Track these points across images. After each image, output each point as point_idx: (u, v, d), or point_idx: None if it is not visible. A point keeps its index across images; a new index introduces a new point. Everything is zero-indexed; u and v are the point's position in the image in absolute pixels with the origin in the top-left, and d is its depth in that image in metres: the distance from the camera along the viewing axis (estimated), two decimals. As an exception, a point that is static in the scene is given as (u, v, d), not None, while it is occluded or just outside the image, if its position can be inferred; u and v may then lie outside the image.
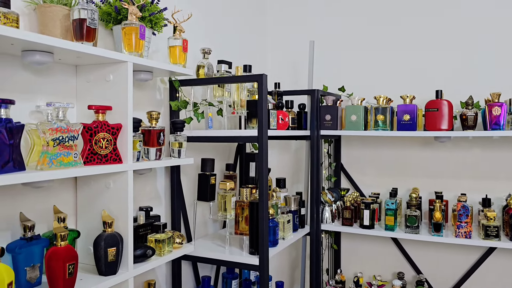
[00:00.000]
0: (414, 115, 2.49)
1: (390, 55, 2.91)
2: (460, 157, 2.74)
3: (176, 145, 1.92)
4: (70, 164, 1.40)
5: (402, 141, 2.88)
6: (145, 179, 2.08)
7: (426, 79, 2.80)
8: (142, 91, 2.06)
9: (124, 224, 1.62)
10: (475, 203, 2.66)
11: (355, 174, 3.03)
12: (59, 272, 1.36)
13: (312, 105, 2.63)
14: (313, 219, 2.63)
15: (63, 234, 1.39)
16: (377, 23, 2.94)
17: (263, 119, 1.98)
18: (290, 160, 3.22)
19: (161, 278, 2.20)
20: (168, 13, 1.97)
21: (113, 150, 1.57)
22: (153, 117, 1.81)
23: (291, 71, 3.17)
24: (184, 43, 1.95)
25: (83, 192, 1.71)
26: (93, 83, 1.68)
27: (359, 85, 2.96)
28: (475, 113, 2.41)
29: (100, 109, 1.55)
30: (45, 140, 1.34)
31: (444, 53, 2.76)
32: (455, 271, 2.76)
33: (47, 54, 1.42)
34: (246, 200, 2.15)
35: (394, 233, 2.52)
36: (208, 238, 2.42)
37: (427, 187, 2.82)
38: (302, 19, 3.17)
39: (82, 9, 1.47)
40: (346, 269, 3.06)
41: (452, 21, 2.75)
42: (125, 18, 1.73)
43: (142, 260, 1.71)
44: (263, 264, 2.00)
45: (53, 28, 1.48)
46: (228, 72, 2.26)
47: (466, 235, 2.36)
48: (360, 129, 2.61)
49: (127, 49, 1.67)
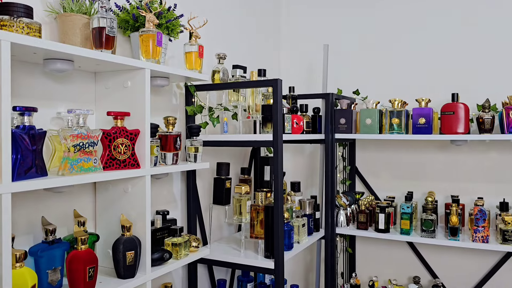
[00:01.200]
0: (429, 119, 2.47)
1: (405, 58, 2.89)
2: (476, 161, 2.72)
3: (192, 150, 1.95)
4: (90, 169, 1.43)
5: (418, 144, 2.87)
6: (162, 183, 2.11)
7: (442, 82, 2.78)
8: (159, 96, 2.09)
9: (142, 228, 1.65)
10: (492, 207, 2.63)
11: (370, 178, 3.02)
12: (80, 275, 1.39)
13: (327, 109, 2.64)
14: (327, 222, 2.63)
15: (84, 238, 1.42)
16: (392, 26, 2.94)
17: (278, 124, 2.00)
18: (305, 163, 3.22)
19: (178, 281, 2.23)
20: (184, 19, 2.00)
21: (131, 155, 1.60)
22: (170, 122, 1.84)
23: (305, 74, 3.18)
24: (200, 49, 1.98)
25: (102, 197, 1.74)
26: (111, 89, 1.71)
27: (374, 89, 2.95)
28: (492, 116, 2.39)
29: (118, 115, 1.58)
30: (66, 146, 1.37)
31: (460, 56, 2.74)
32: (472, 276, 2.73)
33: (67, 62, 1.46)
34: (261, 204, 2.16)
35: (410, 237, 2.51)
36: (223, 241, 2.44)
37: (443, 191, 2.80)
38: (316, 22, 3.17)
39: (101, 18, 1.51)
40: (361, 273, 3.05)
41: (468, 23, 2.73)
42: (142, 25, 1.77)
43: (159, 263, 1.74)
44: (278, 267, 2.01)
45: (73, 37, 1.52)
46: (243, 77, 2.28)
47: (483, 239, 2.34)
48: (375, 132, 2.61)
49: (144, 55, 1.70)
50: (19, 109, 1.25)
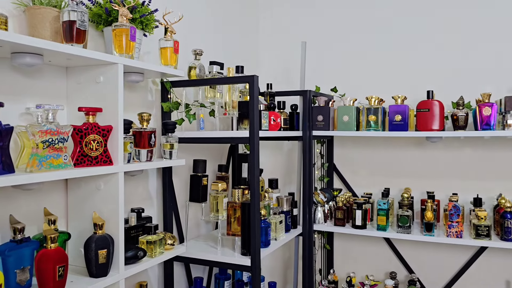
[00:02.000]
0: (405, 116, 2.50)
1: (382, 55, 2.92)
2: (451, 157, 2.76)
3: (167, 147, 1.93)
4: (60, 166, 1.40)
5: (394, 141, 2.90)
6: (137, 181, 2.08)
7: (418, 79, 2.81)
8: (134, 92, 2.06)
9: (115, 226, 1.62)
10: (467, 203, 2.68)
11: (348, 174, 3.04)
12: (49, 275, 1.36)
13: (304, 106, 2.64)
14: (305, 219, 2.64)
15: (53, 236, 1.39)
16: (369, 24, 2.96)
17: (254, 120, 1.99)
18: (283, 160, 3.22)
19: (153, 279, 2.20)
20: (159, 14, 1.97)
21: (103, 152, 1.57)
22: (144, 118, 1.81)
23: (284, 71, 3.18)
24: (175, 45, 1.95)
25: (73, 194, 1.70)
26: (83, 84, 1.67)
27: (351, 86, 2.97)
28: (466, 113, 2.43)
29: (90, 111, 1.55)
30: (34, 142, 1.34)
31: (436, 54, 2.78)
32: (447, 270, 2.78)
33: (37, 56, 1.42)
34: (238, 201, 2.15)
35: (386, 233, 2.53)
36: (200, 239, 2.42)
37: (419, 187, 2.84)
38: (294, 19, 3.17)
39: (72, 11, 1.47)
40: (339, 269, 3.07)
41: (443, 22, 2.77)
42: (115, 20, 1.73)
43: (133, 261, 1.71)
44: (255, 265, 2.01)
45: (42, 30, 1.48)
46: (220, 73, 2.26)
47: (457, 234, 2.38)
48: (352, 129, 2.63)
49: (117, 50, 1.67)
50: (-17, 104, 1.21)
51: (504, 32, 2.62)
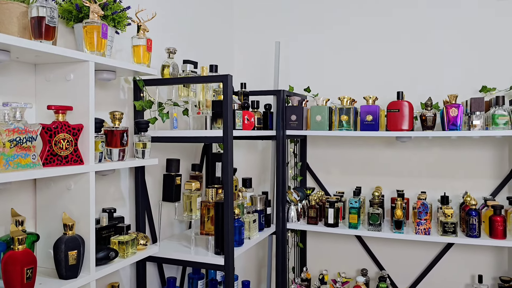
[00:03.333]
0: (376, 116, 2.55)
1: (354, 56, 2.97)
2: (420, 157, 2.84)
3: (140, 146, 1.90)
4: (28, 166, 1.36)
5: (366, 141, 2.96)
6: (109, 180, 2.05)
7: (389, 80, 2.87)
8: (105, 90, 2.02)
9: (86, 226, 1.59)
10: (434, 201, 2.75)
11: (320, 173, 3.08)
12: (17, 277, 1.32)
13: (278, 106, 2.66)
14: (279, 218, 2.66)
15: (21, 238, 1.35)
16: (341, 24, 3.00)
17: (228, 120, 1.99)
18: (257, 160, 3.24)
19: (126, 280, 2.17)
20: (131, 12, 1.95)
21: (74, 151, 1.54)
22: (116, 117, 1.79)
23: (258, 71, 3.19)
24: (148, 43, 1.93)
25: (42, 194, 1.66)
26: (53, 82, 1.64)
27: (324, 86, 3.01)
28: (434, 114, 2.50)
29: (60, 109, 1.51)
30: (1, 141, 1.30)
31: (406, 55, 2.85)
32: (415, 267, 2.85)
33: (3, 52, 1.38)
34: (211, 200, 2.15)
35: (358, 230, 2.58)
36: (174, 238, 2.40)
37: (390, 186, 2.90)
38: (268, 19, 3.19)
39: (41, 7, 1.43)
40: (311, 267, 3.11)
41: (412, 22, 2.83)
42: (86, 16, 1.70)
43: (105, 262, 1.68)
44: (228, 264, 2.01)
45: (9, 26, 1.44)
46: (193, 72, 2.25)
47: (425, 231, 2.45)
48: (325, 129, 2.66)
49: (88, 48, 1.64)
50: None
51: (470, 35, 2.71)
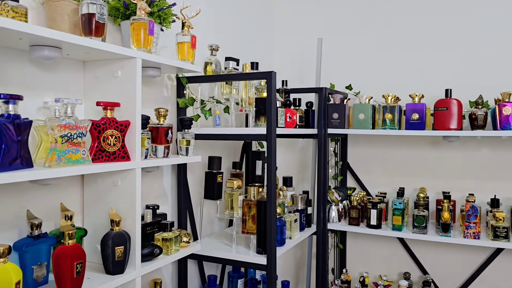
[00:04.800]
0: (423, 114, 2.46)
1: (398, 53, 2.88)
2: (468, 157, 2.72)
3: (183, 143, 1.90)
4: (78, 161, 1.38)
5: (410, 140, 2.86)
6: (152, 177, 2.06)
7: (435, 78, 2.77)
8: (150, 88, 2.03)
9: (132, 223, 1.60)
10: (483, 204, 2.63)
11: (361, 173, 3.00)
12: (67, 271, 1.33)
13: (320, 103, 2.60)
14: (319, 218, 2.60)
15: (71, 233, 1.37)
16: (386, 21, 2.91)
17: (271, 117, 1.96)
18: (296, 158, 3.19)
19: (167, 277, 2.18)
20: (176, 9, 1.94)
21: (121, 147, 1.54)
22: (161, 114, 1.79)
23: (298, 68, 3.14)
24: (192, 40, 1.93)
25: (90, 190, 1.68)
26: (101, 79, 1.65)
27: (366, 84, 2.93)
28: (485, 113, 2.38)
29: (108, 106, 1.52)
30: (53, 136, 1.32)
31: (454, 52, 2.73)
32: (462, 272, 2.74)
33: (55, 49, 1.39)
34: (253, 198, 2.12)
35: (402, 233, 2.50)
36: (214, 236, 2.40)
37: (435, 187, 2.80)
38: (309, 16, 3.13)
39: (91, 4, 1.44)
40: (351, 269, 3.04)
41: (462, 20, 2.71)
42: (133, 14, 1.71)
43: (149, 259, 1.69)
44: (271, 263, 1.98)
45: (61, 23, 1.46)
46: (235, 69, 2.23)
47: (474, 235, 2.34)
48: (368, 127, 2.59)
49: (135, 45, 1.65)
50: (3, 96, 1.19)
51: (524, 30, 2.57)
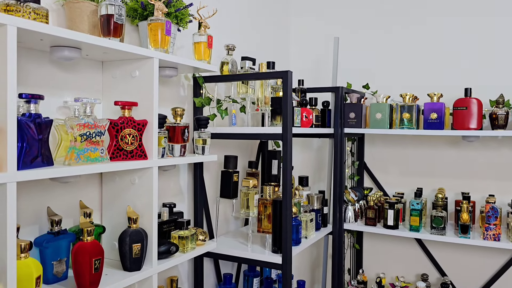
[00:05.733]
0: (441, 114, 2.43)
1: (416, 52, 2.84)
2: (488, 158, 2.67)
3: (200, 142, 1.92)
4: (97, 159, 1.40)
5: (428, 140, 2.82)
6: (169, 175, 2.08)
7: (454, 77, 2.72)
8: (166, 87, 2.06)
9: (149, 220, 1.62)
10: (503, 205, 2.58)
11: (378, 173, 2.98)
12: (86, 267, 1.36)
13: (336, 103, 2.59)
14: (335, 218, 2.59)
15: (90, 230, 1.39)
16: (403, 20, 2.88)
17: (287, 116, 1.96)
18: (312, 158, 3.18)
19: (183, 274, 2.20)
20: (193, 9, 1.96)
21: (138, 146, 1.57)
22: (178, 113, 1.80)
23: (314, 67, 3.13)
24: (209, 39, 1.94)
25: (108, 188, 1.71)
26: (118, 78, 1.68)
27: (384, 83, 2.90)
28: (506, 112, 2.34)
29: (126, 105, 1.55)
30: (72, 135, 1.34)
31: (473, 51, 2.69)
32: (481, 274, 2.69)
33: (75, 49, 1.42)
34: (269, 198, 2.13)
35: (419, 234, 2.47)
36: (229, 235, 2.41)
37: (453, 188, 2.75)
38: (325, 14, 3.12)
39: (110, 5, 1.47)
40: (368, 269, 3.02)
41: (481, 19, 2.66)
42: (151, 14, 1.73)
43: (166, 256, 1.71)
44: (286, 263, 1.98)
45: (80, 24, 1.49)
46: (252, 69, 2.24)
47: (495, 237, 2.30)
48: (385, 127, 2.56)
49: (153, 45, 1.67)
50: (25, 96, 1.22)
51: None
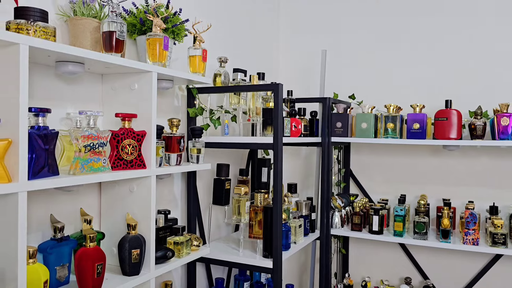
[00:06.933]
0: (423, 124, 2.55)
1: (400, 65, 2.97)
2: (467, 166, 2.80)
3: (194, 151, 2.00)
4: (99, 169, 1.48)
5: (411, 149, 2.95)
6: (164, 183, 2.15)
7: (436, 89, 2.86)
8: (162, 98, 2.13)
9: (147, 227, 1.70)
10: (482, 211, 2.72)
11: (364, 180, 3.09)
12: (89, 272, 1.43)
13: (324, 113, 2.70)
14: (323, 224, 2.69)
15: (92, 236, 1.46)
16: (387, 33, 3.01)
17: (278, 127, 2.05)
18: (299, 166, 3.28)
19: (177, 279, 2.27)
20: (188, 24, 2.05)
21: (138, 156, 1.64)
22: (174, 124, 1.89)
23: (301, 78, 3.24)
24: (203, 53, 2.03)
25: (107, 196, 1.78)
26: (118, 91, 1.75)
27: (369, 94, 3.02)
28: (483, 123, 2.47)
29: (126, 117, 1.62)
30: (77, 146, 1.42)
31: (454, 64, 2.83)
32: (461, 277, 2.81)
33: (79, 64, 1.50)
34: (260, 204, 2.21)
35: (403, 238, 2.58)
36: (221, 241, 2.49)
37: (435, 195, 2.88)
38: (313, 27, 3.24)
39: (112, 22, 1.55)
40: (353, 273, 3.12)
41: (461, 32, 2.81)
42: (149, 29, 1.81)
43: (162, 261, 1.78)
44: (277, 267, 2.07)
45: (84, 40, 1.56)
46: (243, 80, 2.33)
47: (473, 242, 2.42)
48: (371, 136, 2.68)
49: (151, 59, 1.75)
50: (34, 110, 1.29)
51: (522, 43, 2.67)
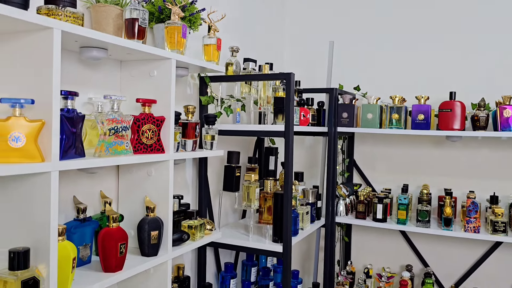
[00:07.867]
0: (428, 115, 2.61)
1: (404, 56, 3.02)
2: (469, 157, 2.88)
3: (208, 138, 2.05)
4: (122, 152, 1.52)
5: (414, 139, 3.01)
6: (177, 169, 2.20)
7: (440, 80, 2.92)
8: (176, 86, 2.17)
9: (164, 210, 1.75)
10: (483, 201, 2.79)
11: (367, 170, 3.16)
12: (112, 251, 1.48)
13: (330, 103, 2.75)
14: (328, 211, 2.76)
15: (115, 216, 1.51)
16: (393, 25, 3.06)
17: (290, 115, 2.10)
18: (303, 155, 3.34)
19: (187, 262, 2.33)
20: (203, 13, 2.08)
21: (157, 140, 1.69)
22: (190, 110, 1.93)
23: (307, 68, 3.29)
24: (218, 42, 2.07)
25: (125, 179, 1.83)
26: (136, 77, 1.80)
27: (373, 85, 3.08)
28: (486, 115, 2.54)
29: (147, 102, 1.67)
30: (102, 129, 1.46)
31: (458, 56, 2.89)
32: (461, 265, 2.90)
33: (102, 50, 1.54)
34: (269, 191, 2.27)
35: (406, 226, 2.65)
36: (229, 227, 2.54)
37: (437, 184, 2.95)
38: (319, 18, 3.28)
39: (134, 9, 1.59)
40: (356, 261, 3.19)
41: (466, 25, 2.87)
42: (167, 18, 1.85)
43: (178, 243, 1.84)
44: (287, 251, 2.13)
45: (106, 26, 1.60)
46: (254, 70, 2.38)
47: (475, 229, 2.50)
48: (376, 127, 2.74)
49: (169, 46, 1.79)
50: (64, 93, 1.33)
51: (525, 38, 2.73)
